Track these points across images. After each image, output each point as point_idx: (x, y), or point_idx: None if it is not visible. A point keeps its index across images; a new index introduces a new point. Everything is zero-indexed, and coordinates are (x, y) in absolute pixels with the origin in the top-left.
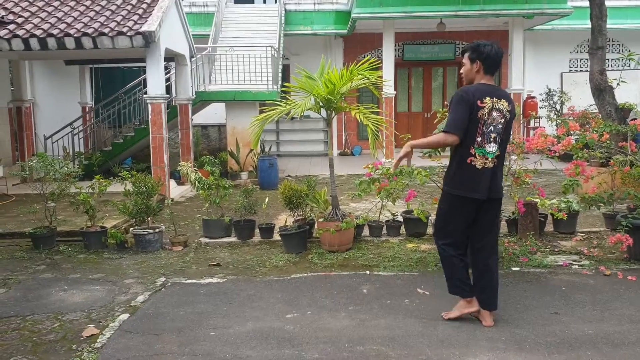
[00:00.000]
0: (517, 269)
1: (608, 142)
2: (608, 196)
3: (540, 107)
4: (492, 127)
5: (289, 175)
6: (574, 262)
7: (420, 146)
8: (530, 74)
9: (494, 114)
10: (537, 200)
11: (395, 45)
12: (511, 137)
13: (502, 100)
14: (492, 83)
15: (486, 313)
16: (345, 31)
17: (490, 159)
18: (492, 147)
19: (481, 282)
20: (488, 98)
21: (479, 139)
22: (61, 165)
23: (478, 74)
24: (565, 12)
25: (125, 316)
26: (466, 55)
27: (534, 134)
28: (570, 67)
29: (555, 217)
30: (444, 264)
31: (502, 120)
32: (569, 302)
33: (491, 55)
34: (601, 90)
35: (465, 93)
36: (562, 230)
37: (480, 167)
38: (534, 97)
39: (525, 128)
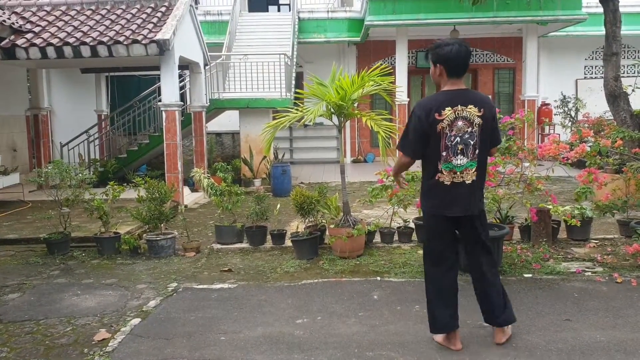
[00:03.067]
0: (530, 275)
1: (621, 148)
2: (622, 203)
3: (555, 114)
4: (458, 139)
5: (301, 182)
6: (587, 269)
7: (395, 173)
8: (545, 81)
9: (459, 123)
10: (550, 207)
11: (409, 53)
12: (524, 142)
13: (470, 107)
14: (460, 87)
15: (496, 329)
16: (358, 39)
17: (459, 173)
18: (461, 160)
19: (481, 295)
20: (448, 108)
21: (444, 153)
22: (76, 172)
23: (441, 78)
24: (580, 18)
25: (136, 321)
26: (429, 57)
27: (547, 141)
28: (585, 73)
29: (568, 224)
30: (432, 296)
31: (471, 129)
32: (582, 309)
33: (451, 56)
34: (616, 96)
35: (420, 109)
36: (575, 237)
37: (448, 182)
38: (548, 104)
39: (540, 135)
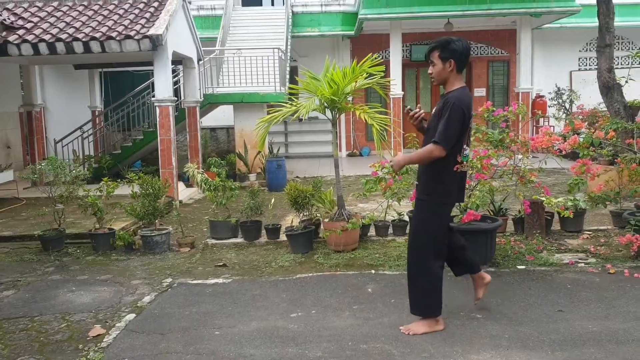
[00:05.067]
0: (523, 267)
1: (614, 139)
2: (615, 194)
3: (550, 106)
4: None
5: (297, 177)
6: (580, 260)
7: (412, 163)
8: (539, 73)
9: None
10: (543, 198)
11: (403, 46)
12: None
13: None
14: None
15: (477, 274)
16: (352, 32)
17: (465, 163)
18: (467, 151)
19: (464, 258)
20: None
21: (464, 146)
22: (70, 168)
23: (452, 74)
24: (573, 10)
25: (131, 316)
26: (435, 53)
27: (540, 132)
28: (579, 65)
29: (561, 216)
30: (433, 285)
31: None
32: (574, 299)
33: (464, 52)
34: (609, 88)
35: (467, 109)
36: (568, 228)
37: (462, 172)
38: (543, 96)
39: (534, 127)
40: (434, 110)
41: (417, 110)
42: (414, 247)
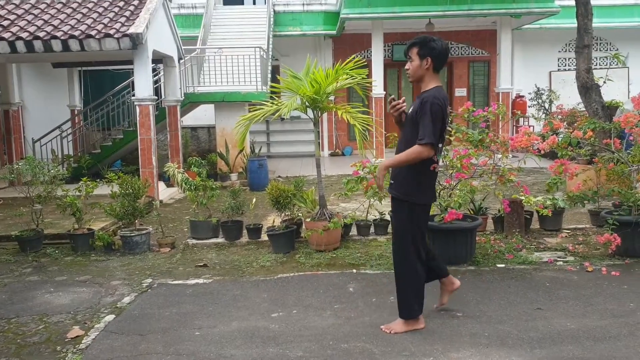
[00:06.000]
0: (503, 265)
1: (593, 139)
2: (593, 193)
3: (529, 106)
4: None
5: (279, 176)
6: (559, 259)
7: (397, 165)
8: (519, 73)
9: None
10: (523, 198)
11: (385, 46)
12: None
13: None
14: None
15: (446, 278)
16: (334, 32)
17: (438, 162)
18: (441, 150)
19: (434, 264)
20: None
21: (440, 145)
22: (49, 168)
23: (427, 72)
24: (553, 11)
25: (110, 317)
26: (414, 50)
27: (519, 132)
28: (558, 65)
29: (540, 214)
30: (416, 284)
31: None
32: (553, 297)
33: (442, 51)
34: (588, 88)
35: (443, 103)
36: (547, 227)
37: (436, 171)
38: (523, 97)
39: (514, 127)
40: (410, 110)
41: (400, 102)
42: (396, 248)
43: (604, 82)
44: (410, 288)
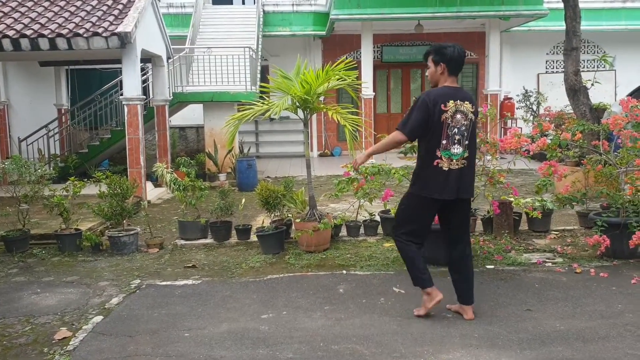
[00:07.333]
0: (492, 267)
1: (581, 141)
2: (581, 195)
3: (518, 108)
4: (456, 130)
5: (268, 177)
6: (547, 260)
7: (377, 151)
8: (508, 75)
9: (458, 116)
10: (512, 199)
11: (374, 47)
12: (489, 136)
13: (466, 102)
14: (456, 85)
15: (467, 307)
16: (324, 32)
17: (455, 160)
18: (457, 149)
19: (460, 280)
20: (452, 101)
21: (444, 141)
22: (35, 167)
23: (442, 76)
24: (541, 13)
25: (98, 318)
26: (430, 57)
27: (508, 134)
28: (546, 68)
29: (529, 216)
30: (404, 255)
31: (466, 122)
32: (542, 299)
33: (454, 57)
34: (576, 90)
35: (428, 97)
36: (536, 228)
37: (446, 168)
38: (511, 98)
39: (502, 129)
40: None
41: None
42: (395, 223)
43: (592, 84)
44: (406, 260)
